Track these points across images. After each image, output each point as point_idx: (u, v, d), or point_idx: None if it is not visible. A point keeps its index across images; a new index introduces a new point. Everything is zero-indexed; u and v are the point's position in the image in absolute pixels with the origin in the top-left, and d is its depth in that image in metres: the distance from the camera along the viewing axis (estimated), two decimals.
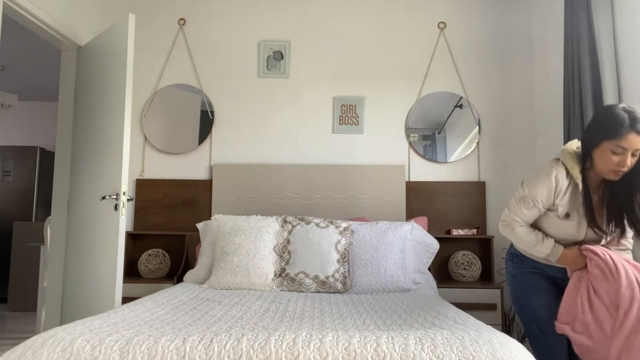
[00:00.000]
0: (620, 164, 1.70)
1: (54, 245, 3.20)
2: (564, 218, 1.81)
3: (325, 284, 2.57)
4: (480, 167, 3.45)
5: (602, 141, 1.72)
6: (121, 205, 2.65)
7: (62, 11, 3.13)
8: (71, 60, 3.35)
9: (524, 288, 1.98)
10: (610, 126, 1.70)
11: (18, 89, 5.95)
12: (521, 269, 2.00)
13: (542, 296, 1.95)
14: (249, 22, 3.61)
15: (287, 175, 3.42)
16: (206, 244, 2.98)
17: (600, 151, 1.73)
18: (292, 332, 1.44)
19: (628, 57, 2.54)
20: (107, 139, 2.86)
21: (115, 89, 2.84)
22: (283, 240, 2.75)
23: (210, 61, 3.59)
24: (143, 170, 3.51)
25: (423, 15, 3.58)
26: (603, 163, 1.74)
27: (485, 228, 3.37)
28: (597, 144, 1.74)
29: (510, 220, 1.89)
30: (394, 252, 2.71)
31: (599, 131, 1.74)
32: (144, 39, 3.59)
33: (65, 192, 3.25)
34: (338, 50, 3.57)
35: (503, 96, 3.50)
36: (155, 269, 3.22)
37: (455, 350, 1.34)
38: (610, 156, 1.71)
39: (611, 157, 1.71)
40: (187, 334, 1.44)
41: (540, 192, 1.81)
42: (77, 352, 1.35)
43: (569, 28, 2.79)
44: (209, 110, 3.53)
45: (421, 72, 3.53)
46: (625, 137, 1.67)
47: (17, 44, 4.55)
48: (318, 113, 3.53)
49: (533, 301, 1.96)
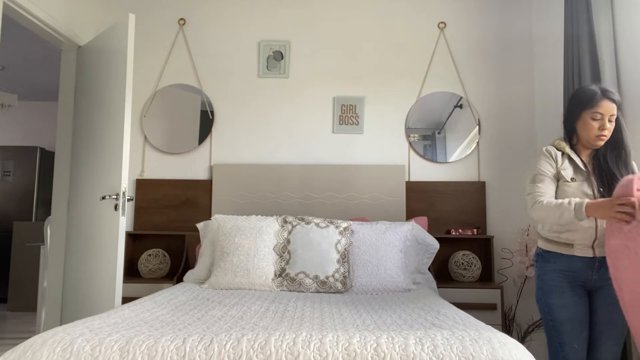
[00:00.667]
0: (600, 128, 1.96)
1: (54, 245, 3.20)
2: (572, 182, 2.00)
3: (325, 284, 2.57)
4: (480, 167, 3.45)
5: (581, 112, 2.00)
6: (121, 205, 2.65)
7: (62, 11, 3.13)
8: (71, 60, 3.35)
9: (544, 287, 2.04)
10: (586, 98, 2.00)
11: (18, 89, 5.95)
12: (545, 269, 2.04)
13: (560, 297, 1.98)
14: (248, 22, 3.62)
15: (287, 175, 3.42)
16: (206, 244, 2.98)
17: (582, 122, 2.01)
18: (292, 332, 1.44)
19: (628, 57, 2.54)
20: (107, 139, 2.86)
21: (115, 89, 2.84)
22: (283, 240, 2.75)
23: (210, 61, 3.59)
24: (143, 170, 3.51)
25: (423, 16, 3.58)
26: (587, 132, 2.00)
27: (485, 228, 3.37)
28: (578, 116, 2.02)
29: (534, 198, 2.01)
30: (394, 252, 2.71)
31: (577, 105, 2.02)
32: (144, 39, 3.59)
33: (65, 192, 3.25)
34: (338, 50, 3.57)
35: (503, 96, 3.50)
36: (155, 269, 3.22)
37: (455, 350, 1.34)
38: (591, 123, 1.98)
39: (592, 124, 1.98)
40: (187, 334, 1.44)
41: (543, 165, 2.05)
42: (77, 352, 1.35)
43: (569, 28, 2.79)
44: (209, 110, 3.53)
45: (421, 72, 3.53)
46: (599, 104, 1.96)
47: (17, 44, 4.55)
48: (318, 113, 3.53)
49: (551, 300, 2.00)
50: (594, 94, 1.98)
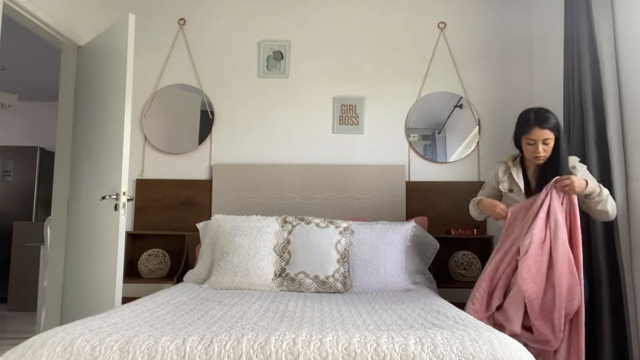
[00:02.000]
0: (534, 152, 2.26)
1: (54, 245, 3.20)
2: (508, 192, 2.42)
3: (325, 284, 2.57)
4: (480, 167, 3.45)
5: (520, 137, 2.31)
6: (121, 205, 2.65)
7: (62, 11, 3.13)
8: (71, 60, 3.35)
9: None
10: (521, 125, 2.30)
11: (18, 89, 5.95)
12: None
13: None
14: (249, 22, 3.62)
15: (287, 175, 3.42)
16: (206, 244, 2.98)
17: (522, 144, 2.32)
18: (292, 332, 1.44)
19: (628, 57, 2.54)
20: (107, 139, 2.86)
21: (115, 89, 2.84)
22: (283, 240, 2.75)
23: (210, 61, 3.59)
24: (143, 170, 3.51)
25: (423, 15, 3.58)
26: (526, 153, 2.32)
27: (485, 228, 3.37)
28: (519, 140, 2.34)
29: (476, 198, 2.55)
30: (394, 252, 2.71)
31: (517, 130, 2.34)
32: (144, 39, 3.59)
33: (65, 192, 3.25)
34: (338, 50, 3.57)
35: (503, 96, 3.49)
36: (155, 269, 3.22)
37: (455, 350, 1.34)
38: (528, 147, 2.28)
39: (528, 147, 2.29)
40: (187, 334, 1.44)
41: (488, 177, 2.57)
42: (77, 352, 1.35)
43: (569, 28, 2.79)
44: (209, 110, 3.53)
45: (421, 72, 3.53)
46: (531, 131, 2.24)
47: (17, 44, 4.55)
48: (318, 113, 3.52)
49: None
50: (527, 122, 2.26)
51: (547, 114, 2.26)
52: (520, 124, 2.31)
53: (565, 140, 2.29)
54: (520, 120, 2.32)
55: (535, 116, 2.25)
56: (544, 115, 2.25)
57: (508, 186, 2.43)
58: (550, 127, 2.22)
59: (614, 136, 2.52)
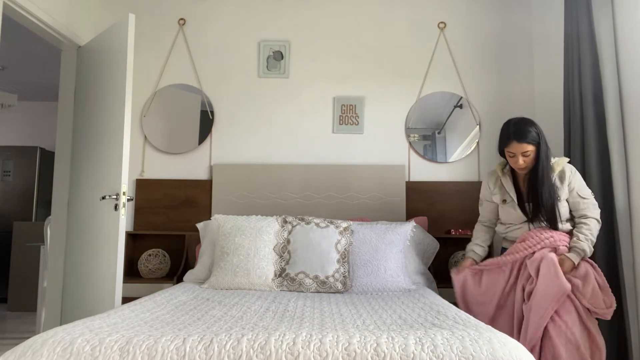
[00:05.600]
0: (515, 163, 2.33)
1: (54, 245, 3.20)
2: (503, 204, 2.48)
3: (325, 284, 2.57)
4: (480, 167, 3.45)
5: (502, 149, 2.38)
6: (121, 205, 2.65)
7: (62, 11, 3.13)
8: (71, 60, 3.35)
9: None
10: (501, 138, 2.37)
11: (18, 89, 5.94)
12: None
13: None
14: (248, 22, 3.61)
15: (287, 175, 3.42)
16: (206, 244, 2.98)
17: (506, 156, 2.37)
18: (292, 332, 1.44)
19: (628, 56, 2.54)
20: (107, 139, 2.86)
21: (115, 89, 2.84)
22: (283, 240, 2.75)
23: (210, 61, 3.59)
24: (143, 170, 3.51)
25: (423, 16, 3.57)
26: (510, 163, 2.39)
27: None
28: (502, 152, 2.40)
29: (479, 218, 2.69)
30: (394, 252, 2.71)
31: (499, 143, 2.40)
32: (144, 39, 3.59)
33: (65, 192, 3.25)
34: (338, 50, 3.57)
35: (503, 96, 3.49)
36: (155, 269, 3.22)
37: (455, 350, 1.34)
38: (510, 159, 2.36)
39: (510, 159, 2.36)
40: (187, 334, 1.44)
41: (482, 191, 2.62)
42: (77, 352, 1.35)
43: (569, 28, 2.79)
44: (209, 110, 3.53)
45: (421, 72, 3.53)
46: (510, 145, 2.31)
47: (17, 44, 4.55)
48: (318, 113, 3.52)
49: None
50: (506, 136, 2.32)
51: (525, 127, 2.29)
52: (501, 138, 2.37)
53: (546, 151, 2.30)
54: (501, 134, 2.38)
55: (514, 130, 2.29)
56: (522, 128, 2.29)
57: (500, 197, 2.49)
58: (528, 140, 2.27)
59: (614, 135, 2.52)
